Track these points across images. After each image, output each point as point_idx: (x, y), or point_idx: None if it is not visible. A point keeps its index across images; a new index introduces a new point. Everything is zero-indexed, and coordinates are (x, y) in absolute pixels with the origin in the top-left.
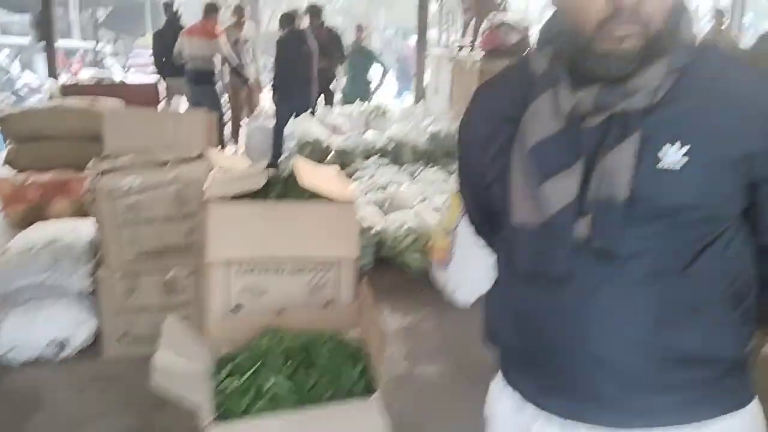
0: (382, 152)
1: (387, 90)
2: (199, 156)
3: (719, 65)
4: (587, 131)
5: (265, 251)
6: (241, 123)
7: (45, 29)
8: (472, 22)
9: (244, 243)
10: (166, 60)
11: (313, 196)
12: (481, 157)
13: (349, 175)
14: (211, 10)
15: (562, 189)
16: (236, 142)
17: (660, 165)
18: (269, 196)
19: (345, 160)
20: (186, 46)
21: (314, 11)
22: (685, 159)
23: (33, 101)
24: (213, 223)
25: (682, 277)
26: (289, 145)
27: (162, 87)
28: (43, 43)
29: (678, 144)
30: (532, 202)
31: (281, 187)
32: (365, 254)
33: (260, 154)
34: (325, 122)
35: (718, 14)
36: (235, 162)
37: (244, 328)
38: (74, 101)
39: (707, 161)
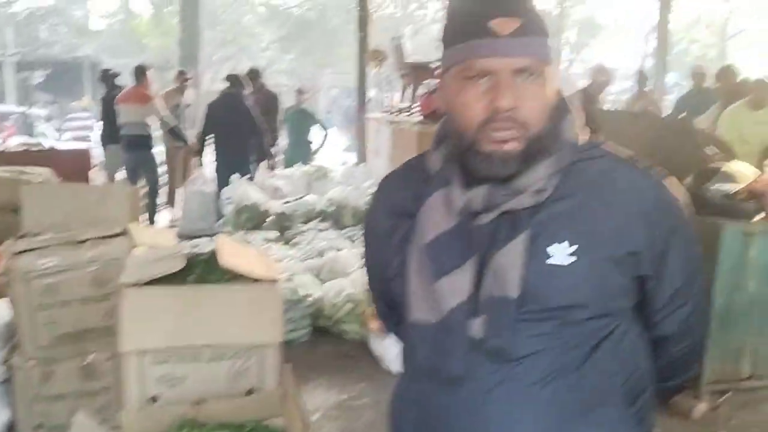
0: (323, 215)
1: (333, 150)
2: (122, 233)
3: (603, 165)
4: (479, 229)
5: (181, 340)
6: (179, 187)
7: None
8: (411, 87)
9: (160, 331)
10: (106, 128)
11: (234, 277)
12: (384, 250)
13: (288, 240)
14: (140, 74)
15: (456, 287)
16: (173, 206)
17: (549, 263)
18: (187, 278)
19: (284, 225)
20: (120, 113)
21: (252, 75)
22: (573, 258)
23: None
24: (126, 310)
25: (578, 375)
26: (226, 210)
27: (99, 154)
28: None
29: (566, 243)
30: (428, 299)
31: (201, 268)
32: (300, 326)
33: (198, 219)
34: (265, 185)
35: (642, 76)
36: (158, 238)
37: (161, 419)
38: None
39: (595, 259)
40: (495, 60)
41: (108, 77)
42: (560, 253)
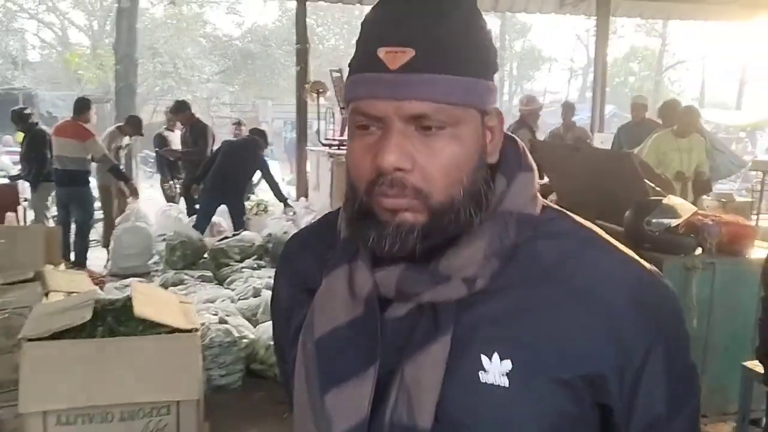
0: (261, 251)
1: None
2: (35, 277)
3: (565, 246)
4: (389, 325)
5: (89, 399)
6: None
7: None
8: None
9: (65, 390)
10: (34, 166)
11: (150, 326)
12: (284, 334)
13: (223, 279)
14: (81, 107)
15: (348, 405)
16: (107, 245)
17: (477, 382)
18: (97, 330)
19: (220, 262)
20: (56, 146)
21: (180, 107)
22: (511, 376)
23: None
24: (28, 366)
25: None
26: (158, 248)
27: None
28: None
29: (497, 356)
30: (315, 417)
31: (112, 318)
32: (233, 371)
33: (132, 257)
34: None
35: (568, 107)
36: (76, 282)
37: None
38: None
39: (538, 382)
40: (377, 103)
41: (23, 117)
42: (493, 369)
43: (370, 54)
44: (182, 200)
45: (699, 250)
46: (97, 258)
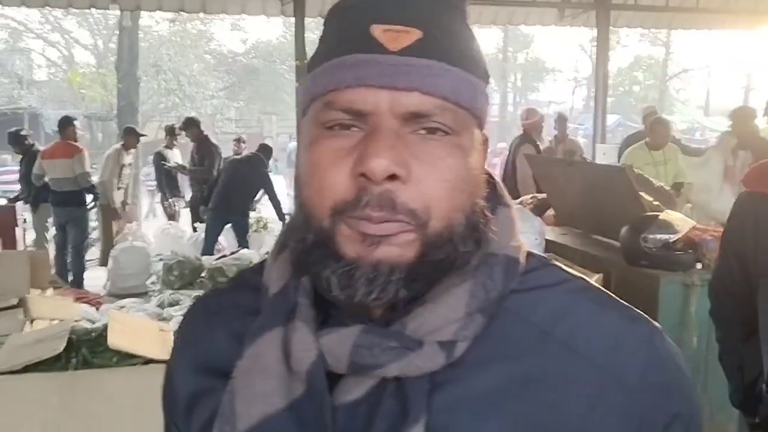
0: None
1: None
2: (18, 304)
3: (558, 301)
4: (338, 413)
5: None
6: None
7: None
8: None
9: (32, 426)
10: (36, 188)
11: (126, 357)
12: None
13: None
14: (64, 126)
15: None
16: (105, 264)
17: None
18: (70, 362)
19: (218, 281)
20: (47, 170)
21: (189, 124)
22: None
23: None
24: None
25: None
26: (155, 267)
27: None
28: None
29: None
30: None
31: (87, 349)
32: None
33: (129, 277)
34: (199, 239)
35: (561, 119)
36: (60, 308)
37: None
38: None
39: None
40: (366, 93)
41: (18, 138)
42: None
43: (358, 32)
44: (182, 218)
45: (699, 266)
46: (97, 278)
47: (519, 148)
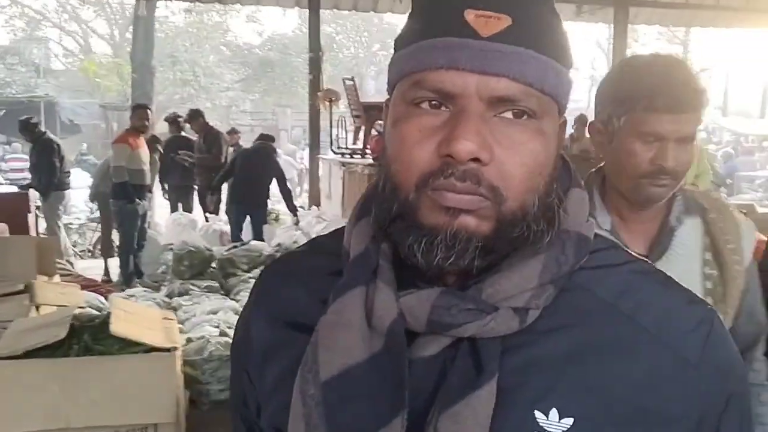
0: (269, 261)
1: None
2: (24, 289)
3: (623, 279)
4: (417, 365)
5: (59, 421)
6: None
7: None
8: (363, 128)
9: (35, 411)
10: (47, 176)
11: (128, 344)
12: (256, 386)
13: (230, 289)
14: (132, 111)
15: None
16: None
17: None
18: (72, 348)
19: (227, 272)
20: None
21: (193, 115)
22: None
23: None
24: None
25: None
26: (165, 257)
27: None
28: None
29: (555, 411)
30: None
31: (89, 336)
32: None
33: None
34: (210, 229)
35: (580, 120)
36: (65, 295)
37: None
38: None
39: None
40: (455, 76)
41: (28, 127)
42: (548, 426)
43: (452, 15)
44: (180, 206)
45: None
46: (98, 267)
47: None
